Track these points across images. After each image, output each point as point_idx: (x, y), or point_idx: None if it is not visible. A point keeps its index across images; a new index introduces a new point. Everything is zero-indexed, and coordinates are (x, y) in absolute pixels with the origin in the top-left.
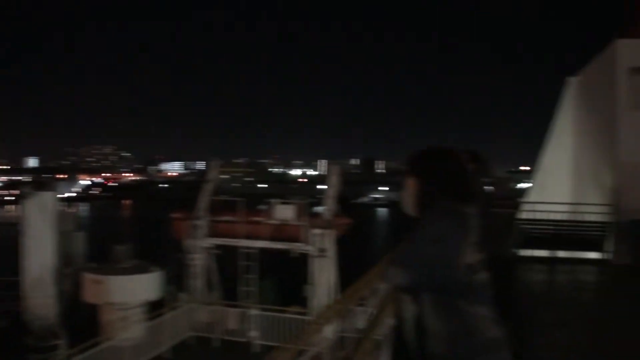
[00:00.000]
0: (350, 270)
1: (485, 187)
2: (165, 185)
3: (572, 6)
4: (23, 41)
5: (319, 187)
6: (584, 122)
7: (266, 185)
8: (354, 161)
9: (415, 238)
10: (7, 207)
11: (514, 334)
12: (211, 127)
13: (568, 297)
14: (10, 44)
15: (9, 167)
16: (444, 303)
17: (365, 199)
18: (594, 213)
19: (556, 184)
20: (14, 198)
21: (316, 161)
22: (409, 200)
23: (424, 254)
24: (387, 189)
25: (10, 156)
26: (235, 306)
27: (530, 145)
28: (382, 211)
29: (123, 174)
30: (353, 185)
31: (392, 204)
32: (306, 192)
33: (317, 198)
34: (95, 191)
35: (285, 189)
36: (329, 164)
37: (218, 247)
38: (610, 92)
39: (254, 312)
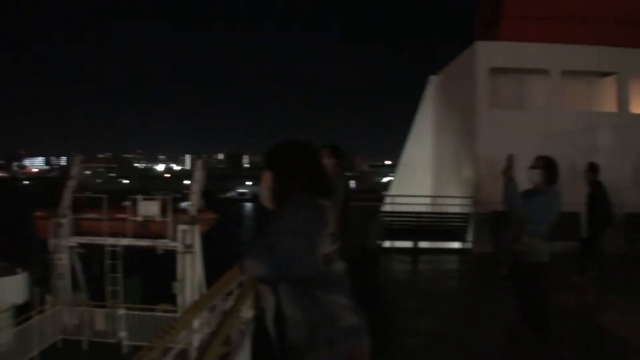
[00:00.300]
0: (218, 265)
1: (348, 181)
2: (27, 182)
3: (436, 8)
4: None
5: (185, 182)
6: (445, 118)
7: (129, 181)
8: (220, 156)
9: (271, 230)
10: None
11: (380, 321)
12: (75, 120)
13: (432, 285)
14: None
15: None
16: (302, 293)
17: (231, 194)
18: (455, 205)
19: (418, 177)
20: None
21: (182, 156)
22: (266, 193)
23: (281, 246)
24: (251, 183)
25: None
26: (102, 306)
27: (394, 140)
28: (248, 206)
29: None
30: (219, 180)
31: (257, 198)
32: (171, 188)
33: (183, 193)
34: None
35: (150, 184)
36: (193, 158)
37: (83, 245)
38: (470, 90)
39: (121, 312)
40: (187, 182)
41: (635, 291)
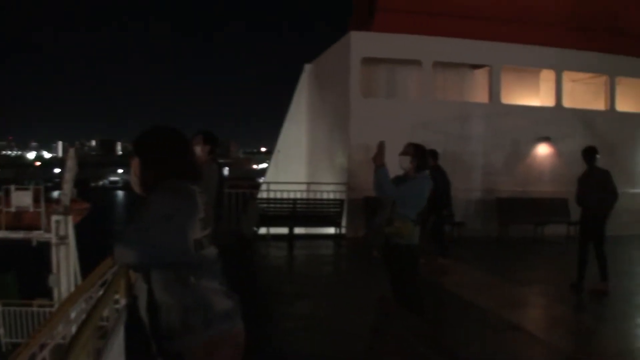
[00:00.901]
0: (93, 256)
1: (222, 167)
2: None
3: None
4: None
5: (55, 170)
6: (319, 106)
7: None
8: (93, 142)
9: (142, 216)
10: None
11: (258, 306)
12: None
13: (308, 270)
14: None
15: None
16: (175, 279)
17: (103, 182)
18: (330, 191)
19: (294, 164)
20: None
21: (55, 143)
22: (136, 179)
23: (151, 232)
24: (122, 171)
25: None
26: None
27: (270, 127)
28: (120, 194)
29: None
30: (93, 168)
31: (129, 186)
32: (42, 176)
33: (55, 182)
34: None
35: (20, 173)
36: (65, 145)
37: None
38: (343, 79)
39: None
40: (57, 170)
41: (502, 270)
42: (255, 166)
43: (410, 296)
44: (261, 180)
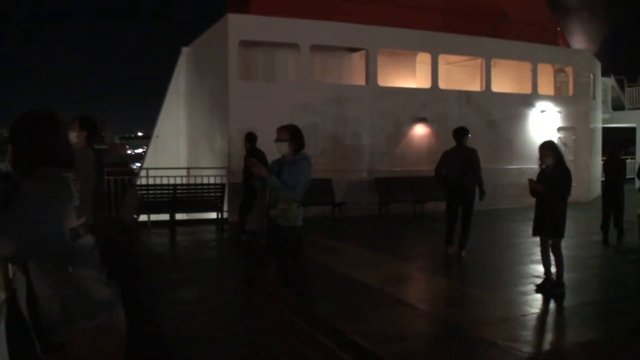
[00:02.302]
0: None
1: (101, 153)
2: None
3: None
4: None
5: None
6: (197, 90)
7: None
8: None
9: (15, 205)
10: None
11: (143, 293)
12: None
13: (192, 256)
14: None
15: None
16: (52, 269)
17: None
18: (211, 176)
19: (172, 149)
20: None
21: None
22: (10, 166)
23: (26, 221)
24: None
25: None
26: None
27: (147, 112)
28: None
29: None
30: None
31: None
32: None
33: None
34: None
35: None
36: None
37: None
38: (221, 63)
39: None
40: None
41: (383, 247)
42: (130, 151)
43: (296, 277)
44: (136, 165)
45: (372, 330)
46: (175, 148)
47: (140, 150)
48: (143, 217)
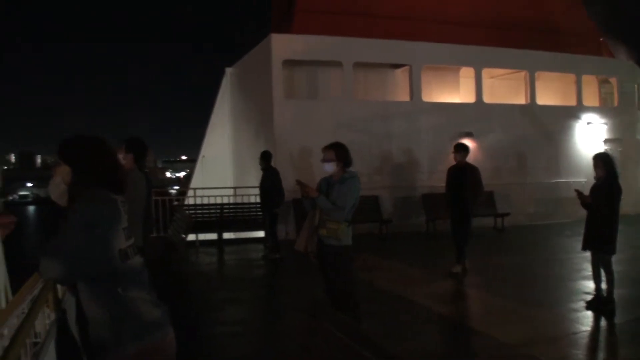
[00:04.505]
0: (23, 270)
1: (149, 175)
2: None
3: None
4: None
5: None
6: (242, 110)
7: None
8: (12, 157)
9: (66, 227)
10: None
11: (188, 313)
12: None
13: (238, 274)
14: None
15: None
16: (102, 290)
17: (12, 197)
18: (257, 195)
19: (219, 169)
20: None
21: None
22: (58, 188)
23: (76, 243)
24: (32, 185)
25: None
26: None
27: (191, 135)
28: (31, 209)
29: None
30: (12, 183)
31: (40, 201)
32: None
33: None
34: None
35: None
36: None
37: None
38: (265, 82)
39: None
40: None
41: (430, 264)
42: (171, 175)
43: (344, 295)
44: (174, 189)
45: (420, 348)
46: (221, 168)
47: (182, 174)
48: (191, 237)
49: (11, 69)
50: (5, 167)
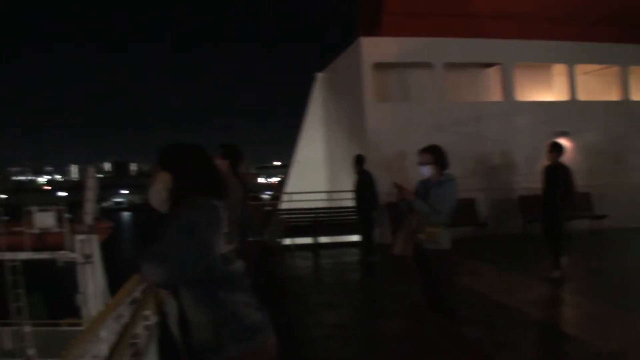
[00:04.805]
0: (119, 274)
1: (244, 181)
2: None
3: (318, 7)
4: None
5: (59, 193)
6: (333, 114)
7: (6, 196)
8: (106, 165)
9: (168, 232)
10: None
11: (285, 317)
12: None
13: (334, 278)
14: None
15: None
16: (203, 294)
17: (107, 204)
18: (351, 199)
19: (313, 173)
20: None
21: (67, 166)
22: (159, 195)
23: (179, 248)
24: (127, 192)
25: None
26: (7, 324)
27: (283, 141)
28: (126, 215)
29: None
30: (107, 190)
31: (135, 207)
32: (45, 200)
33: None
34: None
35: (24, 198)
36: (80, 168)
37: None
38: (356, 86)
39: (28, 329)
40: (61, 193)
41: (529, 268)
42: (262, 180)
43: (443, 301)
44: (267, 194)
45: (520, 356)
46: (315, 172)
47: (275, 180)
48: (287, 241)
49: (109, 81)
50: (101, 175)
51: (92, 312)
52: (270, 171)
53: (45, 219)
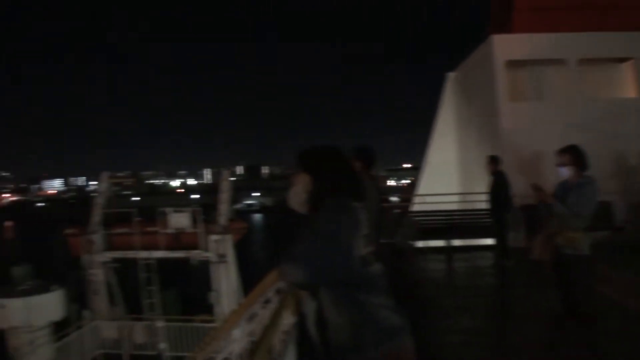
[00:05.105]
0: (251, 274)
1: (378, 183)
2: (42, 204)
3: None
4: None
5: (192, 196)
6: (465, 114)
7: (139, 198)
8: (238, 169)
9: (309, 234)
10: None
11: (418, 320)
12: (97, 142)
13: (468, 282)
14: None
15: None
16: (343, 296)
17: (238, 206)
18: (485, 201)
19: (444, 175)
20: None
21: (200, 170)
22: (299, 197)
23: (320, 249)
24: (259, 194)
25: None
26: (141, 319)
27: (413, 143)
28: (257, 217)
29: (2, 195)
30: (239, 192)
31: (266, 209)
32: (177, 202)
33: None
34: None
35: (158, 200)
36: (213, 172)
37: (116, 260)
38: (488, 85)
39: (160, 324)
40: (194, 196)
41: None
42: (393, 183)
43: (581, 308)
44: (395, 198)
45: None
46: (447, 174)
47: (405, 182)
48: (419, 243)
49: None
50: (234, 178)
51: (224, 310)
52: (400, 173)
53: (180, 220)
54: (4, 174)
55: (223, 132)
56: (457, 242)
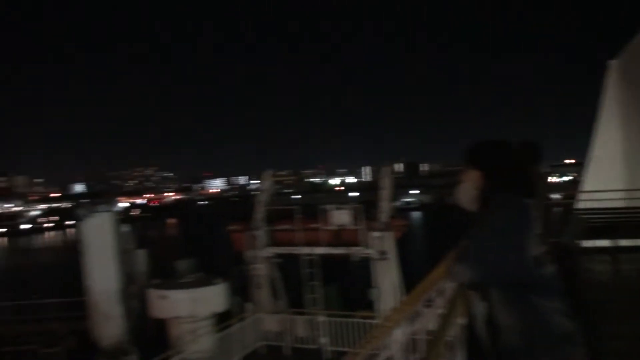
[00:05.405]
0: (413, 272)
1: (543, 180)
2: (205, 202)
3: None
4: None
5: (350, 194)
6: (632, 105)
7: (300, 196)
8: (397, 166)
9: (480, 233)
10: (47, 233)
11: (585, 325)
12: (256, 142)
13: (635, 286)
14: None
15: (59, 194)
16: (515, 297)
17: (396, 203)
18: None
19: (610, 171)
20: (52, 224)
21: (359, 168)
22: (468, 194)
23: (492, 249)
24: (417, 192)
25: (60, 184)
26: (302, 314)
27: (576, 137)
28: (416, 214)
29: (165, 194)
30: (398, 189)
31: (425, 207)
32: (336, 200)
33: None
34: (134, 212)
35: (317, 198)
36: (373, 170)
37: (279, 255)
38: None
39: (322, 318)
40: (353, 194)
41: None
42: (555, 180)
43: None
44: (556, 196)
45: None
46: (612, 170)
47: (567, 178)
48: (585, 243)
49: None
50: (393, 176)
51: (385, 307)
52: (562, 169)
53: (341, 217)
54: (167, 174)
55: (382, 130)
56: (623, 242)
